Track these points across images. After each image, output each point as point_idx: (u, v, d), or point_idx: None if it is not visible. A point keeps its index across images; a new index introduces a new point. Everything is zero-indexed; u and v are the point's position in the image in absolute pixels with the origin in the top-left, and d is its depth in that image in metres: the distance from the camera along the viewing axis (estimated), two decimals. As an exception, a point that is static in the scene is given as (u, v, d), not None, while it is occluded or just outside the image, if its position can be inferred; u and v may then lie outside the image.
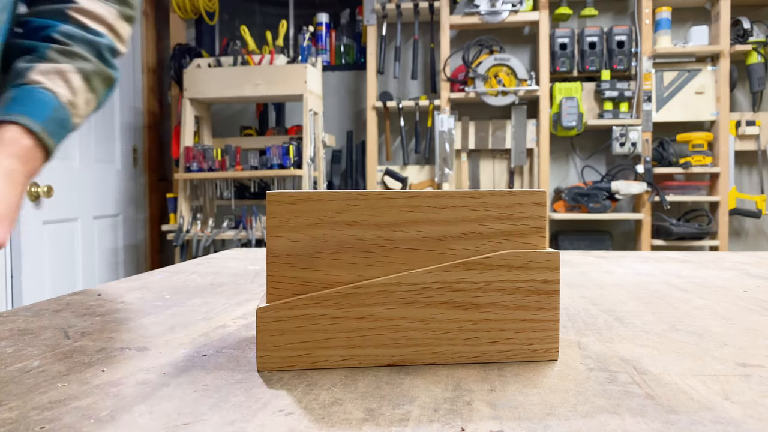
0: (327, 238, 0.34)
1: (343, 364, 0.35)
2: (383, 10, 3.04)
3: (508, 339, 0.36)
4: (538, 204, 0.37)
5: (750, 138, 2.93)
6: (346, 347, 0.35)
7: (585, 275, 0.70)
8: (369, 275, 0.35)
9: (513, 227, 0.36)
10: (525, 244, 0.36)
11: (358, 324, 0.35)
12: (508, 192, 0.36)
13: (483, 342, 0.36)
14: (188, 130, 3.05)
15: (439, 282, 0.35)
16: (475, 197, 0.36)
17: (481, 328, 0.36)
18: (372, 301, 0.35)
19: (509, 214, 0.36)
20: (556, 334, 0.37)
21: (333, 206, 0.35)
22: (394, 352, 0.35)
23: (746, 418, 0.27)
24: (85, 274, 2.56)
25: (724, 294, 0.58)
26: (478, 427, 0.26)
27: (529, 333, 0.36)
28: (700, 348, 0.38)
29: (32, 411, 0.28)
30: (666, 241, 2.85)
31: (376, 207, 0.35)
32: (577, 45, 2.97)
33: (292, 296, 0.34)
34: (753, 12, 2.94)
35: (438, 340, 0.35)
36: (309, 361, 0.34)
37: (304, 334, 0.34)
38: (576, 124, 2.86)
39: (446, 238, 0.35)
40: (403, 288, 0.35)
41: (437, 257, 0.35)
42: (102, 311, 0.52)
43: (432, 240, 0.35)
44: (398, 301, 0.35)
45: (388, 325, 0.35)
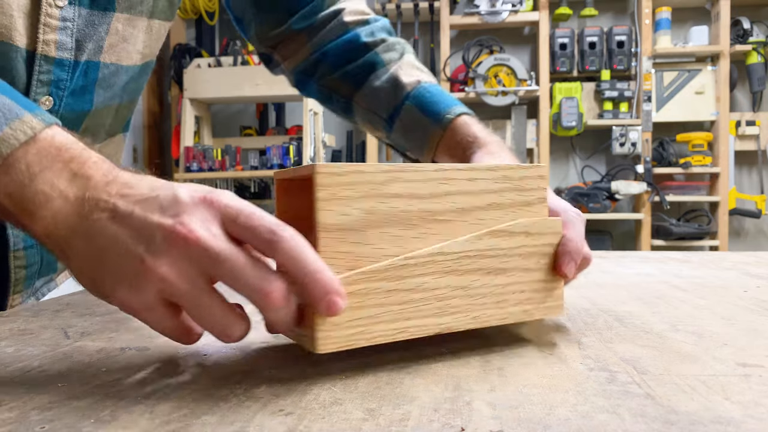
0: (374, 211, 0.34)
1: (397, 337, 0.35)
2: (383, 10, 3.04)
3: (527, 299, 0.40)
4: (543, 177, 0.41)
5: (750, 138, 2.93)
6: (398, 320, 0.35)
7: (585, 275, 0.70)
8: (412, 247, 0.36)
9: (524, 198, 0.40)
10: (533, 213, 0.40)
11: (408, 296, 0.35)
12: (519, 166, 0.40)
13: (509, 304, 0.39)
14: (188, 130, 3.05)
15: (474, 250, 0.37)
16: (495, 170, 0.39)
17: (508, 291, 0.39)
18: (420, 272, 0.35)
19: (521, 186, 0.40)
20: (562, 291, 0.41)
21: (379, 178, 0.35)
22: (439, 321, 0.36)
23: (746, 418, 0.27)
24: (85, 274, 2.56)
25: (724, 294, 0.58)
26: (478, 427, 0.26)
27: (543, 292, 0.40)
28: (700, 348, 0.38)
29: (32, 411, 0.28)
30: (666, 241, 2.85)
31: (414, 179, 0.36)
32: (577, 45, 2.97)
33: (345, 272, 0.33)
34: (753, 12, 2.94)
35: (474, 306, 0.37)
36: (366, 337, 0.34)
37: (361, 310, 0.34)
38: (576, 124, 2.86)
39: (475, 209, 0.38)
40: (446, 257, 0.36)
41: (468, 227, 0.38)
42: (102, 311, 0.52)
43: (464, 211, 0.38)
44: (442, 271, 0.36)
45: (434, 295, 0.36)
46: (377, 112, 0.67)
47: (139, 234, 0.31)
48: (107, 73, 0.56)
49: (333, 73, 0.69)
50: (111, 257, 0.32)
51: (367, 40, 0.68)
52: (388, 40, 0.69)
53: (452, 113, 0.60)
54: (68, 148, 0.34)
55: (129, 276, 0.31)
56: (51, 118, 0.35)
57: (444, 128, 0.60)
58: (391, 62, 0.67)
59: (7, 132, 0.33)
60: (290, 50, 0.71)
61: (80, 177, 0.33)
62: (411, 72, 0.66)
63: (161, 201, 0.32)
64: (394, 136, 0.66)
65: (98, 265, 0.32)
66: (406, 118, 0.64)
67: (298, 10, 0.69)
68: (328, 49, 0.69)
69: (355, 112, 0.69)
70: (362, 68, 0.67)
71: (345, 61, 0.68)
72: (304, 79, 0.72)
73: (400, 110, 0.64)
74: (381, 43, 0.68)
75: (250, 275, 0.30)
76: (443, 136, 0.60)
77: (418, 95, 0.63)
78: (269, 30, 0.70)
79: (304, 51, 0.70)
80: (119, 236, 0.31)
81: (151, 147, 3.28)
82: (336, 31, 0.69)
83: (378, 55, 0.67)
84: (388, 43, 0.68)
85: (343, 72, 0.68)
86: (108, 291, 0.32)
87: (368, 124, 0.69)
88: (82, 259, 0.33)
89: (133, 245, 0.31)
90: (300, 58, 0.71)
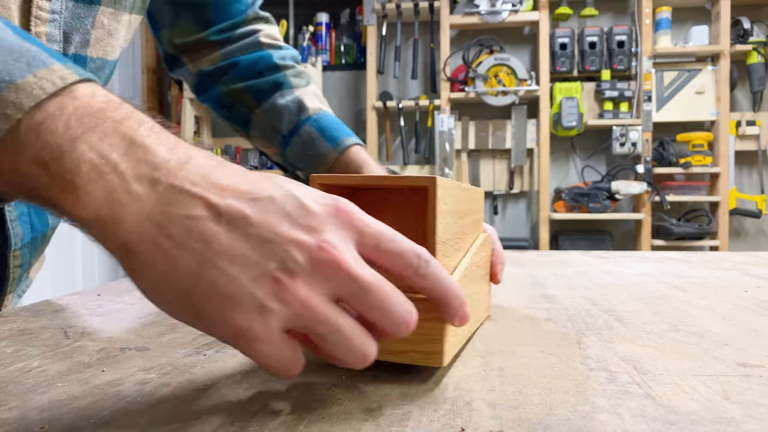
0: (449, 226, 0.36)
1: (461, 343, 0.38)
2: (383, 10, 3.03)
3: (487, 303, 0.47)
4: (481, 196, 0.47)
5: (750, 138, 2.93)
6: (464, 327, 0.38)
7: (585, 275, 0.70)
8: (458, 258, 0.38)
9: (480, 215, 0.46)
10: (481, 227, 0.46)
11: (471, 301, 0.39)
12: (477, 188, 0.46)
13: (484, 308, 0.46)
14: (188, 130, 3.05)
15: (477, 260, 0.42)
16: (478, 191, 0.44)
17: (484, 296, 0.46)
18: (468, 280, 0.39)
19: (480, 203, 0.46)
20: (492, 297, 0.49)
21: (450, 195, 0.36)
22: (472, 327, 0.41)
23: (746, 418, 0.27)
24: (85, 274, 2.56)
25: (724, 294, 0.58)
26: (478, 427, 0.26)
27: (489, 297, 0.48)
28: (700, 348, 0.38)
29: (32, 411, 0.28)
30: (666, 241, 2.85)
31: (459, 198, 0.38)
32: (577, 45, 2.97)
33: None
34: (753, 12, 2.93)
35: (478, 309, 0.42)
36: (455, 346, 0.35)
37: None
38: (576, 124, 2.86)
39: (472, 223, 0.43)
40: (470, 267, 0.40)
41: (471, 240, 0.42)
42: (102, 311, 0.52)
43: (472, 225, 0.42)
44: (469, 281, 0.39)
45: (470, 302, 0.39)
46: (277, 127, 0.71)
47: (268, 249, 0.26)
48: (94, 68, 0.56)
49: (239, 83, 0.72)
50: (221, 269, 0.25)
51: (279, 62, 0.72)
52: (297, 67, 0.74)
53: (349, 141, 0.68)
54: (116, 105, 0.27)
55: (252, 296, 0.25)
56: (86, 72, 0.27)
57: (340, 152, 0.67)
58: (298, 87, 0.72)
59: (30, 80, 0.25)
60: (200, 54, 0.74)
61: (138, 146, 0.26)
62: (314, 99, 0.72)
63: (284, 207, 0.27)
64: (289, 152, 0.71)
65: (194, 274, 0.25)
66: (305, 137, 0.69)
67: (217, 23, 0.72)
68: (240, 60, 0.72)
69: (253, 125, 0.73)
70: (269, 85, 0.72)
71: (254, 74, 0.72)
72: (207, 83, 0.74)
73: (299, 129, 0.69)
74: (291, 68, 0.73)
75: (397, 307, 0.28)
76: (338, 159, 0.67)
77: (320, 120, 0.69)
78: (184, 36, 0.72)
79: (214, 57, 0.73)
80: (235, 246, 0.25)
81: (151, 147, 3.28)
82: (250, 47, 0.73)
83: (287, 77, 0.72)
84: (297, 70, 0.74)
85: (249, 84, 0.72)
86: (206, 309, 0.25)
87: (263, 138, 0.73)
88: (162, 260, 0.25)
89: (262, 261, 0.25)
90: (207, 63, 0.74)
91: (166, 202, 0.25)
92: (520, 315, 0.49)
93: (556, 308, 0.52)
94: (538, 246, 2.94)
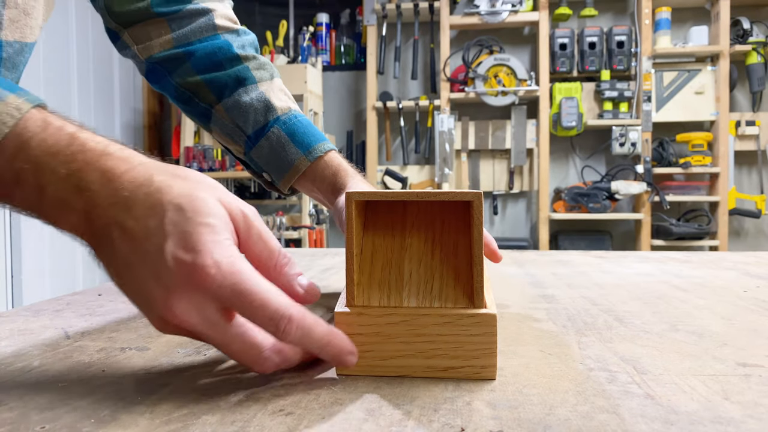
0: None
1: None
2: (383, 10, 3.04)
3: None
4: None
5: (750, 138, 2.93)
6: None
7: (585, 275, 0.70)
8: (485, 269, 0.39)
9: None
10: None
11: None
12: None
13: None
14: (188, 130, 3.05)
15: None
16: None
17: None
18: None
19: None
20: None
21: None
22: None
23: (746, 418, 0.27)
24: (85, 274, 2.56)
25: (724, 294, 0.58)
26: (478, 427, 0.26)
27: None
28: (700, 348, 0.38)
29: (32, 411, 0.28)
30: (666, 241, 2.85)
31: None
32: (576, 45, 2.97)
33: None
34: (753, 12, 2.94)
35: None
36: None
37: None
38: (576, 124, 2.86)
39: None
40: None
41: None
42: (102, 311, 0.52)
43: None
44: None
45: None
46: (242, 127, 0.65)
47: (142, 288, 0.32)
48: (12, 52, 0.51)
49: (196, 75, 0.65)
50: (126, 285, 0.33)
51: (240, 52, 0.66)
52: (259, 58, 0.68)
53: (322, 148, 0.63)
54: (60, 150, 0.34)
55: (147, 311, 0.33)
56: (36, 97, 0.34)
57: (312, 161, 0.62)
58: (262, 81, 0.66)
59: None
60: (146, 35, 0.65)
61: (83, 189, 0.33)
62: (281, 96, 0.66)
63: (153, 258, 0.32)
64: (254, 154, 0.65)
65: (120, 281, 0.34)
66: (274, 142, 0.64)
67: None
68: (196, 49, 0.65)
69: (214, 121, 0.67)
70: (231, 79, 0.65)
71: (212, 66, 0.65)
72: (160, 72, 0.67)
73: (267, 132, 0.64)
74: (252, 59, 0.67)
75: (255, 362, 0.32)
76: (311, 167, 0.63)
77: (289, 122, 0.64)
78: (124, 4, 0.64)
79: (165, 41, 0.65)
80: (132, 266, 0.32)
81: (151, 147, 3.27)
82: (205, 31, 0.66)
83: (249, 70, 0.66)
84: (259, 61, 0.67)
85: (208, 78, 0.65)
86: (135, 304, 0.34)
87: (226, 136, 0.67)
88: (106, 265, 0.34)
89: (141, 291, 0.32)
90: (158, 48, 0.66)
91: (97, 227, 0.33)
92: (520, 315, 0.49)
93: (555, 308, 0.52)
94: (537, 246, 2.94)
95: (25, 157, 0.32)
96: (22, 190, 0.33)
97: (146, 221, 0.32)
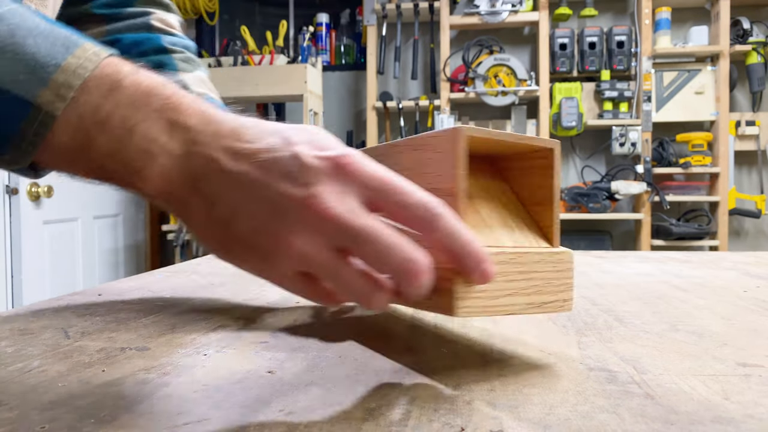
0: None
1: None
2: (383, 10, 3.03)
3: None
4: None
5: (750, 138, 2.93)
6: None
7: (585, 275, 0.70)
8: None
9: None
10: None
11: None
12: None
13: None
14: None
15: None
16: None
17: None
18: None
19: None
20: None
21: None
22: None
23: (746, 418, 0.27)
24: (85, 274, 2.56)
25: (724, 294, 0.58)
26: (478, 427, 0.26)
27: None
28: (700, 348, 0.38)
29: (32, 411, 0.28)
30: (666, 241, 2.85)
31: None
32: (576, 45, 2.97)
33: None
34: (753, 12, 2.93)
35: None
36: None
37: None
38: (576, 124, 2.86)
39: None
40: None
41: None
42: (102, 311, 0.52)
43: None
44: None
45: None
46: None
47: (270, 206, 0.29)
48: None
49: None
50: (239, 226, 0.30)
51: (167, 45, 0.66)
52: (189, 55, 0.68)
53: None
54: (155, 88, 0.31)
55: (262, 249, 0.30)
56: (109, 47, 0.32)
57: None
58: (183, 71, 0.66)
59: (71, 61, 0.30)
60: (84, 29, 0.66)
61: (179, 126, 0.31)
62: (200, 85, 0.66)
63: (284, 164, 0.29)
64: None
65: (224, 231, 0.31)
66: None
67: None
68: (124, 37, 0.66)
69: None
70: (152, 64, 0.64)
71: (136, 54, 0.65)
72: None
73: None
74: (180, 53, 0.67)
75: (397, 255, 0.28)
76: None
77: None
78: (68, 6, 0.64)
79: (97, 33, 0.67)
80: (245, 205, 0.30)
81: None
82: (139, 28, 0.67)
83: (173, 59, 0.66)
84: (187, 56, 0.67)
85: None
86: (238, 258, 0.31)
87: None
88: (204, 221, 0.31)
89: (265, 219, 0.29)
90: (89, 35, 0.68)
91: (200, 172, 0.30)
92: (520, 315, 0.49)
93: (555, 308, 0.52)
94: (537, 246, 2.93)
95: (115, 99, 0.30)
96: (108, 134, 0.30)
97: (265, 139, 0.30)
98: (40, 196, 2.19)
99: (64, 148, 0.31)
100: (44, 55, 0.30)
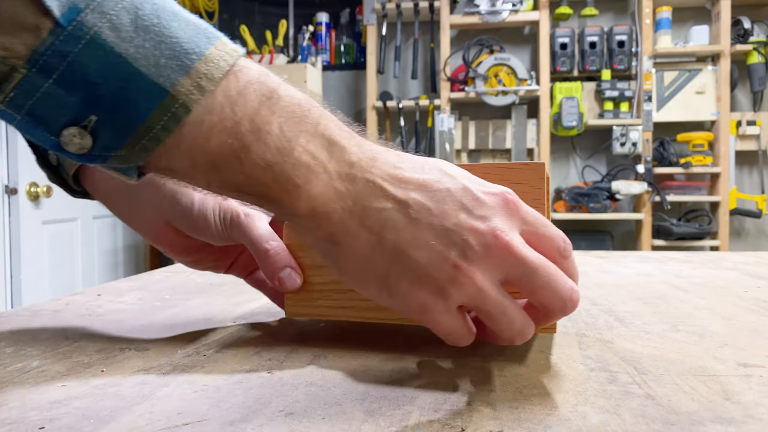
0: None
1: None
2: (383, 9, 3.03)
3: None
4: None
5: (750, 138, 2.93)
6: None
7: (585, 275, 0.70)
8: None
9: None
10: None
11: None
12: None
13: None
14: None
15: None
16: None
17: None
18: None
19: None
20: None
21: None
22: None
23: (746, 418, 0.27)
24: (85, 274, 2.56)
25: (724, 294, 0.58)
26: (478, 427, 0.26)
27: None
28: (700, 348, 0.38)
29: (32, 411, 0.28)
30: (666, 241, 2.85)
31: None
32: (577, 45, 2.97)
33: None
34: (753, 12, 2.93)
35: None
36: None
37: None
38: (576, 124, 2.86)
39: None
40: None
41: None
42: (102, 311, 0.52)
43: None
44: None
45: None
46: None
47: (448, 237, 0.29)
48: None
49: None
50: (413, 257, 0.29)
51: None
52: None
53: None
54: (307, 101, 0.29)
55: (436, 280, 0.29)
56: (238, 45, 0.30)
57: None
58: None
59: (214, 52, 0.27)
60: None
61: (337, 146, 0.29)
62: None
63: (459, 197, 0.30)
64: None
65: (390, 264, 0.30)
66: None
67: None
68: None
69: None
70: None
71: None
72: None
73: None
74: None
75: (562, 285, 0.30)
76: None
77: None
78: None
79: None
80: (421, 236, 0.29)
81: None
82: None
83: None
84: None
85: None
86: (400, 293, 0.30)
87: None
88: (368, 253, 0.30)
89: (444, 249, 0.29)
90: None
91: (363, 197, 0.29)
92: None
93: (556, 308, 0.52)
94: (538, 246, 2.93)
95: (272, 107, 0.28)
96: (267, 143, 0.28)
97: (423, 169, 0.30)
98: (39, 196, 2.18)
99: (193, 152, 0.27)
100: (187, 41, 0.27)
